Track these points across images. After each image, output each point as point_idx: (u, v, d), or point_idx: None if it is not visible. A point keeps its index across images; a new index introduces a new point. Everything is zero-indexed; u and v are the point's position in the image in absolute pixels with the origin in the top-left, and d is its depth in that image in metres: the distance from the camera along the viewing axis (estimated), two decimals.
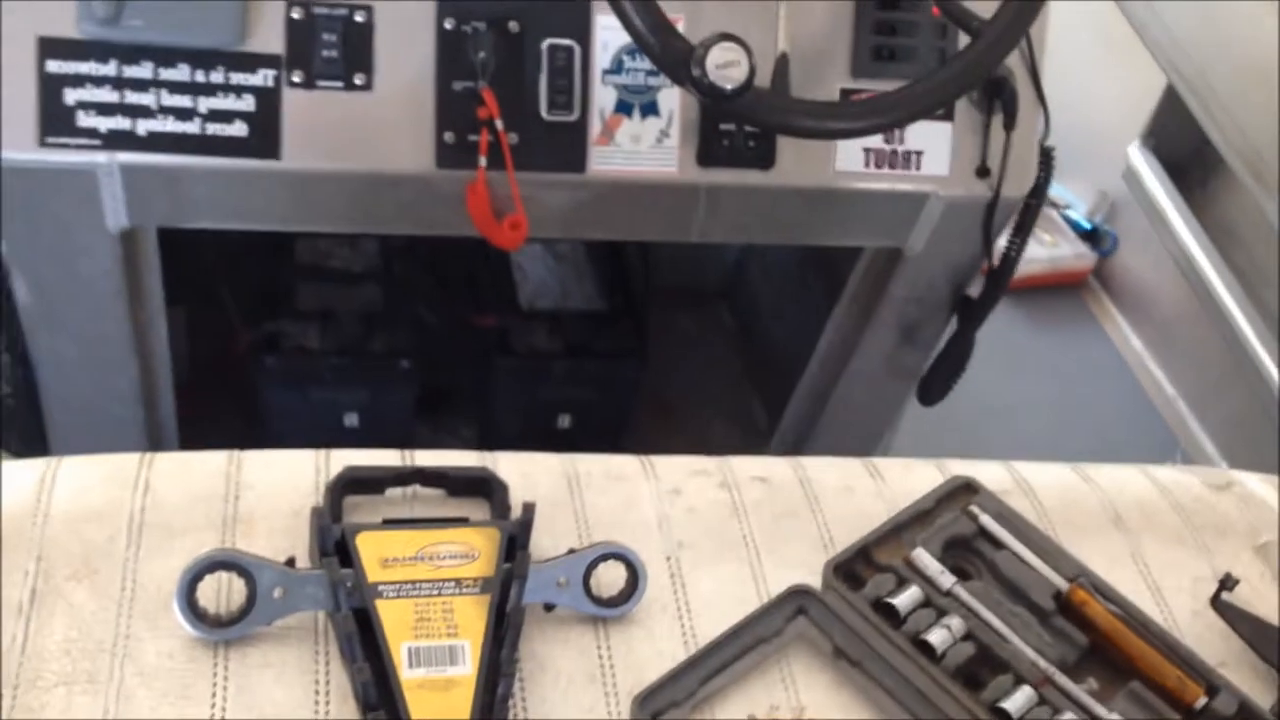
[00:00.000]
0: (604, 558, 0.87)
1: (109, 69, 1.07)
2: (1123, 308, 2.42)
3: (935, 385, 1.42)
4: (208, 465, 0.92)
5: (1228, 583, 0.95)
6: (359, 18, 1.11)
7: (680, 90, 1.17)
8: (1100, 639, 0.91)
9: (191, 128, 1.10)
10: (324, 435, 1.13)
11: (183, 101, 1.09)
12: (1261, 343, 1.82)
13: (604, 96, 1.17)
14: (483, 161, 1.14)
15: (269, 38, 1.09)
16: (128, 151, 1.09)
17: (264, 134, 1.10)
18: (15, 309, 1.31)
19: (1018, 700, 0.85)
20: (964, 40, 1.09)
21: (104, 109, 1.08)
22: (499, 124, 1.13)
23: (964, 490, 1.00)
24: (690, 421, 1.82)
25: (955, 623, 0.89)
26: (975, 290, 1.38)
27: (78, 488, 0.88)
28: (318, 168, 1.14)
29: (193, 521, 0.87)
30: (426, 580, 0.81)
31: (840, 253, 1.42)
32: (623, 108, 1.18)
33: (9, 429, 1.43)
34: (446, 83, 1.13)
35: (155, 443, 1.41)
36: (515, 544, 0.85)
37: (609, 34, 1.16)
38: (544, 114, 1.15)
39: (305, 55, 1.10)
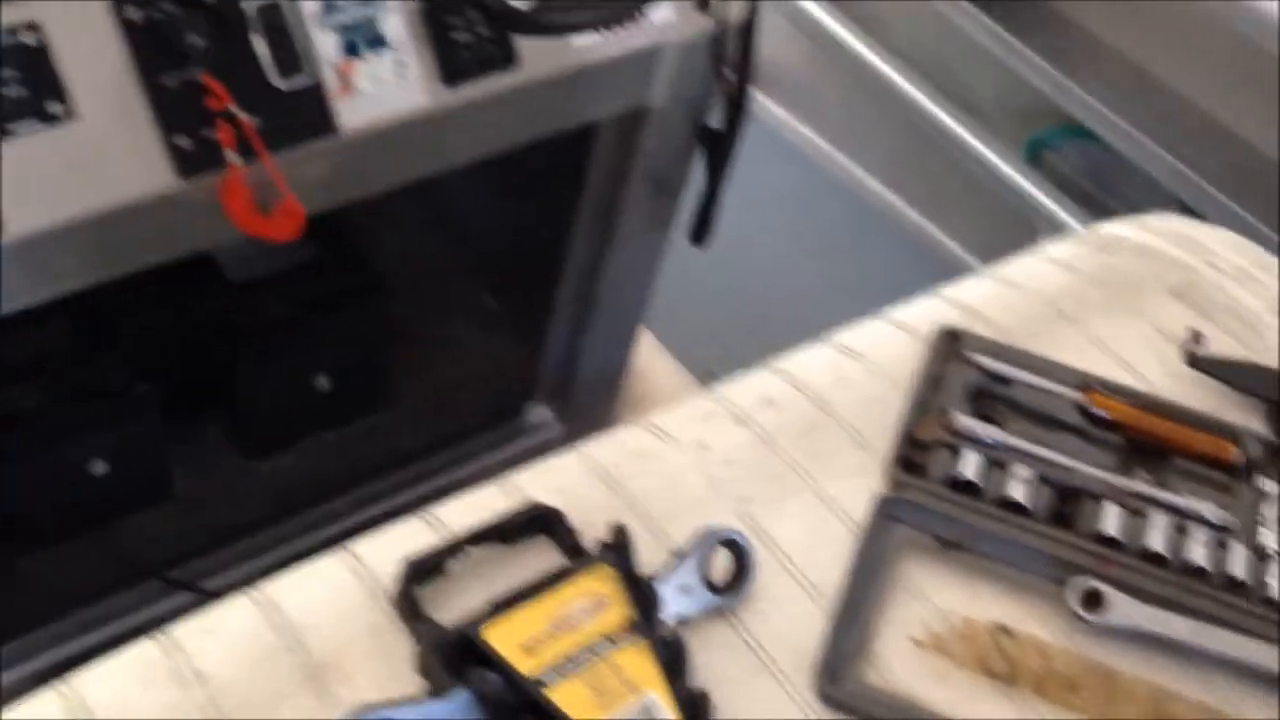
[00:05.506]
0: (709, 547, 0.83)
1: None
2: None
3: (704, 223, 1.43)
4: (238, 616, 0.80)
5: (1198, 340, 1.02)
6: (29, 40, 0.94)
7: (401, 13, 1.07)
8: (1131, 433, 0.96)
9: None
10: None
11: None
12: None
13: (327, 44, 1.06)
14: (232, 156, 1.02)
15: None
16: None
17: None
18: None
19: (1110, 521, 0.89)
20: None
21: None
22: (234, 110, 1.00)
23: (949, 339, 1.01)
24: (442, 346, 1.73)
25: (1023, 471, 0.91)
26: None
27: (111, 704, 0.75)
28: (45, 227, 0.98)
29: (277, 688, 0.76)
30: (579, 648, 0.75)
31: (564, 135, 1.39)
32: (350, 49, 1.08)
33: None
34: (156, 82, 0.99)
35: None
36: (627, 572, 0.80)
37: None
38: (277, 84, 1.04)
39: None
